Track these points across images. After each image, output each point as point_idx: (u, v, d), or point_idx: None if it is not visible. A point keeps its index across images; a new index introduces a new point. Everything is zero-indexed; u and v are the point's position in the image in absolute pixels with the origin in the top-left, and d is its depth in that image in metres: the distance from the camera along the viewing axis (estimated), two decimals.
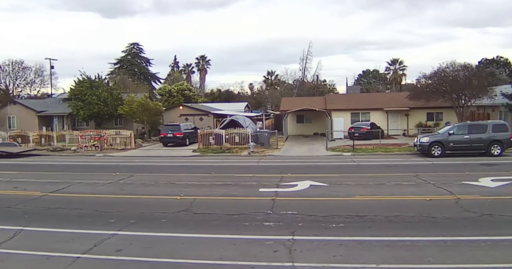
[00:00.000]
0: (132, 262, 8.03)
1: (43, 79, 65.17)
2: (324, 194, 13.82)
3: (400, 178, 16.33)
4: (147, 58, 79.84)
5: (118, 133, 33.85)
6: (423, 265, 7.53)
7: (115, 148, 32.22)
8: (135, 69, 76.43)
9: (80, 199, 14.00)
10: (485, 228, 9.63)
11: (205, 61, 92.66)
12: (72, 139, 34.37)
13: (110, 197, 14.30)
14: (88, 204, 13.03)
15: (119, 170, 20.37)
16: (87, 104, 40.01)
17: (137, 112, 38.87)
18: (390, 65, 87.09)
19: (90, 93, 40.12)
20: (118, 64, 76.65)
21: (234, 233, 9.73)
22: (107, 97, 40.51)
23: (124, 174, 19.01)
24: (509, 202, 12.28)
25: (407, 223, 10.26)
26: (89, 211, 12.20)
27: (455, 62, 35.98)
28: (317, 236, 9.30)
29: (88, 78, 41.93)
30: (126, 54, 78.34)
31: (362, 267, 7.52)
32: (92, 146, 32.30)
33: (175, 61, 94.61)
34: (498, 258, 7.74)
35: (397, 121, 41.19)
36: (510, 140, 23.36)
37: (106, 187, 16.04)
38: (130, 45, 78.58)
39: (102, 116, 40.90)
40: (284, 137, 39.23)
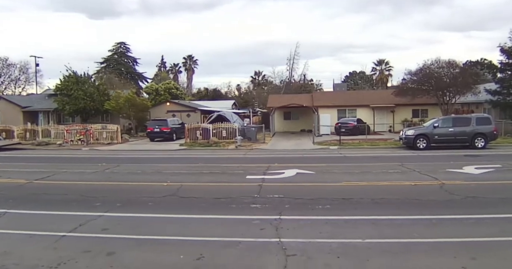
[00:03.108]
0: (119, 239, 8.00)
1: (28, 76, 64.52)
2: (311, 180, 13.91)
3: (386, 167, 16.52)
4: (134, 58, 79.00)
5: (105, 128, 33.62)
6: (408, 239, 7.64)
7: (102, 143, 31.99)
8: (122, 68, 75.50)
9: (65, 185, 13.86)
10: (469, 208, 9.80)
11: (193, 61, 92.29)
12: (57, 133, 34.00)
13: (96, 184, 14.21)
14: (73, 190, 12.90)
15: (105, 162, 20.22)
16: (73, 99, 39.57)
17: (124, 108, 38.62)
18: (377, 65, 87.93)
19: (76, 88, 39.70)
20: (104, 63, 75.64)
21: (221, 214, 9.74)
22: (93, 93, 40.14)
23: (110, 165, 18.88)
24: (492, 186, 12.52)
25: (393, 204, 10.39)
26: (75, 196, 12.08)
27: (439, 59, 36.44)
28: (303, 216, 9.36)
29: (74, 74, 41.49)
30: (112, 53, 77.38)
31: (348, 241, 7.60)
32: (78, 141, 32.01)
33: (162, 62, 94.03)
34: (480, 233, 7.90)
35: (383, 117, 41.59)
36: (493, 133, 23.78)
37: (92, 176, 15.92)
38: (117, 44, 77.66)
39: (88, 112, 40.51)
40: (271, 133, 39.34)
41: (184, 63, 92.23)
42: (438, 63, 36.21)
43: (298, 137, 36.66)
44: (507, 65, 33.95)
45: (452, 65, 35.84)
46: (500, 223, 8.56)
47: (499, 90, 33.52)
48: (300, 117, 46.53)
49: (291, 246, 7.34)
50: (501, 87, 33.67)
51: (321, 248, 7.33)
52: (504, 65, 34.21)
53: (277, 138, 35.16)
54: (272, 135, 38.19)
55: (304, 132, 43.44)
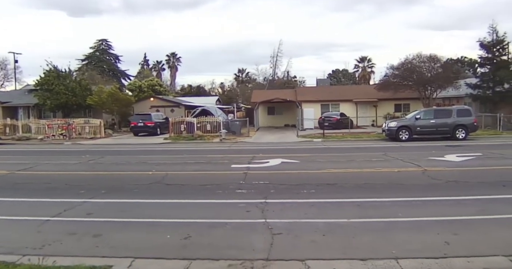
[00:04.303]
0: (104, 222, 7.98)
1: (6, 73, 63.24)
2: (295, 168, 14.02)
3: (369, 156, 16.73)
4: (116, 55, 77.18)
5: (88, 122, 33.24)
6: (392, 218, 7.77)
7: (84, 137, 31.62)
8: (104, 65, 73.72)
9: (48, 175, 13.70)
10: (450, 191, 10.01)
11: (176, 59, 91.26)
12: (38, 128, 33.44)
13: (80, 173, 14.10)
14: (57, 180, 12.79)
15: (89, 154, 20.02)
16: (54, 94, 38.87)
17: (107, 103, 38.17)
18: (359, 62, 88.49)
19: (58, 83, 39.02)
20: (86, 60, 73.83)
21: (207, 198, 9.76)
22: (75, 87, 39.52)
23: (94, 156, 18.72)
24: (473, 171, 12.81)
25: (377, 188, 10.54)
26: (58, 185, 11.97)
27: (421, 54, 36.91)
28: (289, 199, 9.45)
29: (55, 68, 40.84)
30: (94, 50, 75.43)
31: (333, 221, 7.70)
32: (60, 135, 31.60)
33: (145, 59, 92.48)
34: (462, 212, 8.08)
35: (366, 112, 41.96)
36: (474, 124, 24.25)
37: (76, 166, 15.78)
38: (99, 42, 75.77)
39: (70, 107, 39.87)
40: (255, 128, 39.45)
41: (167, 60, 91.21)
42: (420, 58, 36.71)
43: (282, 131, 36.81)
44: (486, 59, 34.57)
45: (434, 60, 36.36)
46: (481, 204, 8.77)
47: (479, 84, 34.14)
48: (284, 112, 46.66)
49: (277, 226, 7.41)
50: (481, 81, 34.31)
51: (307, 227, 7.42)
52: (484, 60, 34.82)
53: (261, 132, 35.25)
54: (256, 130, 38.26)
55: (288, 126, 43.63)
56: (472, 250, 6.07)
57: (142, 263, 5.90)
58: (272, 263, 5.82)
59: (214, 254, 6.15)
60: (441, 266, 5.60)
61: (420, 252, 6.02)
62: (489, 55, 34.20)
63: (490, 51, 34.00)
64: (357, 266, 5.64)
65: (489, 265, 5.55)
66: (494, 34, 33.84)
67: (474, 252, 6.00)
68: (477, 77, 35.72)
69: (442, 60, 36.15)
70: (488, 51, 34.15)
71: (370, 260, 5.80)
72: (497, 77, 33.00)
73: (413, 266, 5.58)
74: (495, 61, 34.01)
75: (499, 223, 7.42)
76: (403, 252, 6.04)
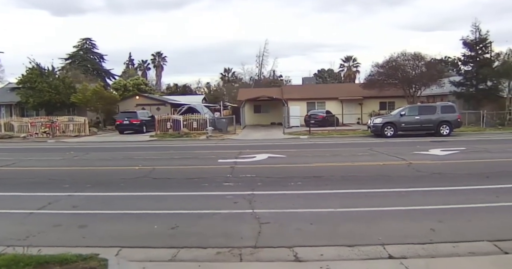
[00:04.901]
0: (90, 214, 7.89)
1: None
2: (282, 162, 14.07)
3: (355, 151, 16.86)
4: (101, 54, 75.99)
5: (72, 120, 32.83)
6: (378, 208, 7.84)
7: (69, 135, 31.23)
8: (88, 65, 72.51)
9: (32, 171, 13.54)
10: (435, 182, 10.12)
11: (161, 58, 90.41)
12: (21, 126, 32.82)
13: (65, 169, 13.93)
14: (40, 175, 12.59)
15: (74, 151, 19.80)
16: (37, 91, 38.21)
17: (91, 101, 37.71)
18: (344, 62, 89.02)
19: (41, 81, 38.40)
20: (69, 59, 72.47)
21: (194, 191, 9.73)
22: (58, 85, 38.92)
23: (79, 153, 18.52)
24: (457, 164, 13.01)
25: (363, 180, 10.62)
26: (42, 180, 11.79)
27: (405, 52, 37.24)
28: (276, 191, 9.48)
29: (38, 66, 40.23)
30: (78, 49, 74.12)
31: (320, 211, 7.75)
32: (43, 133, 31.13)
33: (130, 59, 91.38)
34: (447, 201, 8.19)
35: (352, 110, 42.16)
36: (457, 120, 24.58)
37: (60, 162, 15.59)
38: (82, 40, 74.48)
39: (54, 105, 39.26)
40: (242, 126, 39.39)
41: (152, 60, 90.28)
42: (404, 56, 37.03)
43: (268, 129, 36.86)
44: (469, 57, 35.04)
45: (418, 58, 36.69)
46: (465, 193, 8.89)
47: (463, 81, 34.62)
48: (270, 110, 46.70)
49: (265, 215, 7.42)
50: (464, 79, 34.78)
51: (293, 217, 7.44)
52: (467, 58, 35.27)
53: (247, 130, 35.25)
54: (243, 128, 38.24)
55: (275, 125, 43.71)
56: (457, 236, 6.16)
57: (129, 251, 5.87)
58: (260, 250, 5.83)
59: (202, 242, 6.14)
60: (427, 251, 5.67)
61: (406, 239, 6.09)
62: (472, 53, 34.68)
63: (473, 49, 34.48)
64: (344, 252, 5.69)
65: (474, 250, 5.64)
66: (477, 32, 34.34)
67: (459, 238, 6.10)
68: (461, 75, 36.16)
69: (426, 58, 36.49)
70: (471, 49, 34.62)
71: (357, 246, 5.85)
72: (480, 75, 33.50)
73: (400, 251, 5.64)
74: (478, 59, 34.50)
75: (483, 211, 7.54)
76: (390, 238, 6.10)
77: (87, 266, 5.27)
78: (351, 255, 5.60)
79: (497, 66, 33.50)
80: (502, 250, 5.63)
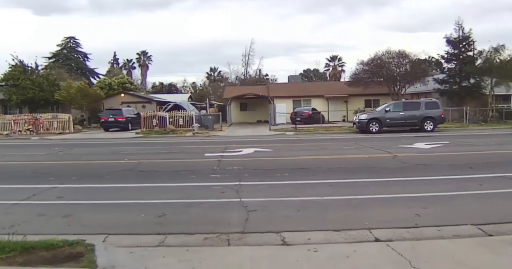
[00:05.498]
0: (75, 204, 7.81)
1: None
2: (269, 156, 14.11)
3: (341, 145, 17.04)
4: (85, 53, 74.78)
5: (56, 117, 32.40)
6: (364, 196, 7.91)
7: (53, 132, 30.79)
8: (72, 63, 71.24)
9: (16, 165, 13.39)
10: (420, 172, 10.28)
11: (146, 57, 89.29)
12: (4, 124, 32.30)
13: (50, 163, 13.76)
14: (25, 169, 12.43)
15: (58, 147, 19.56)
16: (20, 89, 37.66)
17: (76, 98, 37.28)
18: (330, 61, 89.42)
19: (24, 78, 37.86)
20: (53, 58, 71.23)
21: (181, 182, 9.71)
22: (42, 82, 38.43)
23: (64, 149, 18.30)
24: (441, 156, 13.21)
25: (349, 171, 10.75)
26: (27, 173, 11.64)
27: (390, 50, 37.61)
28: (263, 181, 9.50)
29: (22, 63, 39.65)
30: (61, 48, 72.91)
31: (307, 199, 7.79)
32: (26, 130, 30.69)
33: (114, 58, 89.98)
34: (431, 190, 8.30)
35: (337, 107, 42.45)
36: (441, 116, 24.93)
37: (45, 157, 15.40)
38: (66, 39, 73.26)
39: (37, 102, 38.74)
40: (228, 123, 39.35)
41: (137, 59, 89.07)
42: (389, 54, 37.38)
43: (255, 126, 36.91)
44: (453, 55, 35.53)
45: (402, 56, 37.09)
46: (449, 182, 9.01)
47: (446, 79, 35.12)
48: (256, 108, 46.73)
49: (252, 204, 7.44)
50: (448, 76, 35.28)
51: (281, 204, 7.47)
52: (450, 55, 35.77)
53: (234, 127, 35.25)
54: (229, 125, 38.21)
55: (261, 122, 43.74)
56: (442, 221, 6.24)
57: (116, 238, 5.82)
58: (248, 235, 5.84)
59: (190, 229, 6.12)
60: (413, 234, 5.74)
61: (392, 223, 6.15)
62: (456, 51, 35.18)
63: (457, 47, 34.97)
64: (331, 236, 5.73)
65: (458, 233, 5.72)
66: (460, 30, 34.88)
67: (444, 222, 6.18)
68: (444, 73, 36.63)
69: (410, 56, 36.93)
70: (454, 47, 35.11)
71: (344, 231, 5.89)
72: (463, 72, 34.01)
73: (386, 235, 5.69)
74: (461, 57, 35.01)
75: (467, 198, 7.67)
76: (376, 223, 6.17)
77: (74, 251, 5.23)
78: (338, 238, 5.64)
79: (480, 63, 34.03)
80: (486, 232, 5.73)
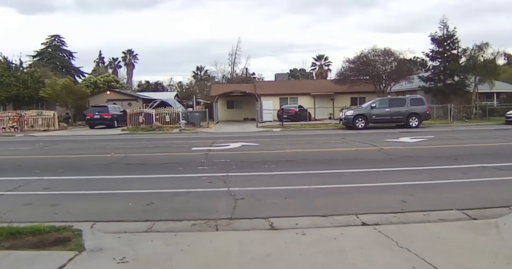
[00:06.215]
0: (62, 194, 7.75)
1: None
2: (256, 149, 14.16)
3: (328, 140, 17.15)
4: (70, 52, 73.51)
5: (41, 114, 32.00)
6: (351, 184, 7.99)
7: (37, 129, 30.42)
8: (57, 62, 69.96)
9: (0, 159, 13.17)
10: (405, 163, 10.43)
11: (132, 56, 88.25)
12: None
13: (35, 157, 13.62)
14: (10, 162, 12.34)
15: (43, 143, 19.32)
16: (4, 86, 36.96)
17: (61, 95, 36.84)
18: (316, 60, 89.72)
19: (8, 75, 37.22)
20: (37, 57, 69.97)
21: (168, 174, 9.68)
22: (27, 79, 37.89)
23: (49, 144, 18.09)
24: (426, 149, 13.41)
25: (336, 163, 10.80)
26: (11, 166, 11.56)
27: (376, 48, 37.91)
28: (250, 172, 9.54)
29: (5, 59, 39.05)
30: (46, 46, 71.67)
31: (294, 188, 7.84)
32: (10, 128, 30.24)
33: (100, 57, 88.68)
34: (417, 178, 8.42)
35: (324, 105, 42.65)
36: (426, 113, 25.23)
37: (29, 151, 15.21)
38: (51, 37, 71.96)
39: (22, 99, 38.10)
40: (215, 121, 39.26)
41: (123, 57, 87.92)
42: (375, 51, 37.68)
43: (242, 123, 36.88)
44: (437, 53, 35.90)
45: (388, 53, 37.42)
46: (435, 172, 9.16)
47: (431, 76, 35.47)
48: (243, 106, 46.72)
49: (240, 193, 7.46)
50: (432, 74, 35.64)
51: (269, 193, 7.51)
52: (435, 53, 36.12)
53: (221, 124, 35.19)
54: (216, 123, 38.13)
55: (248, 120, 43.71)
56: (428, 207, 6.34)
57: (104, 225, 5.79)
58: (236, 221, 5.87)
59: (178, 216, 6.13)
60: (400, 218, 5.82)
61: (379, 209, 6.23)
62: (440, 49, 35.55)
63: (441, 45, 35.35)
64: (318, 221, 5.78)
65: (444, 217, 5.81)
66: (445, 29, 35.24)
67: (429, 208, 6.28)
68: (429, 70, 37.02)
69: (396, 54, 37.27)
70: (439, 45, 35.49)
71: (331, 216, 5.95)
72: (447, 70, 34.41)
73: (373, 219, 5.76)
74: (445, 54, 35.42)
75: (452, 186, 7.79)
76: (363, 209, 6.24)
77: (61, 236, 5.20)
78: (325, 223, 5.70)
79: (464, 61, 34.48)
80: (471, 216, 5.84)
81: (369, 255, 4.34)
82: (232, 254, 4.52)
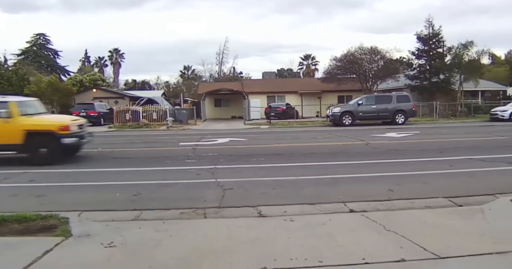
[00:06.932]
0: (48, 186, 7.68)
1: None
2: (244, 144, 14.18)
3: (315, 135, 17.24)
4: (55, 50, 72.19)
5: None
6: (338, 175, 8.04)
7: None
8: (42, 61, 68.68)
9: None
10: (392, 156, 10.52)
11: (119, 55, 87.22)
12: None
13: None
14: None
15: None
16: None
17: (46, 93, 36.37)
18: (303, 60, 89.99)
19: None
20: (22, 55, 68.73)
21: (156, 166, 9.64)
22: (11, 77, 37.50)
23: None
24: (411, 143, 13.57)
25: (323, 156, 10.86)
26: None
27: (363, 46, 38.12)
28: (238, 165, 9.55)
29: None
30: (31, 45, 70.58)
31: (282, 179, 7.87)
32: None
33: (86, 56, 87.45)
34: (403, 169, 8.51)
35: (311, 103, 42.78)
36: (412, 110, 25.47)
37: None
38: (36, 36, 70.79)
39: None
40: (202, 119, 39.15)
41: (110, 56, 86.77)
42: (362, 50, 37.89)
43: (229, 121, 36.87)
44: (423, 51, 36.22)
45: (374, 52, 37.66)
46: (421, 164, 9.27)
47: (417, 75, 35.81)
48: (231, 104, 46.66)
49: (228, 183, 7.46)
50: (418, 72, 35.99)
51: (257, 184, 7.53)
52: (421, 52, 36.45)
53: (208, 122, 35.10)
54: (203, 121, 38.03)
55: (235, 118, 43.68)
56: (414, 195, 6.42)
57: (91, 214, 5.75)
58: (225, 209, 5.88)
59: (166, 205, 6.11)
60: (386, 206, 5.88)
61: (366, 198, 6.28)
62: (426, 48, 35.89)
63: (427, 44, 35.68)
64: (306, 209, 5.81)
65: (430, 205, 5.88)
66: (430, 27, 35.57)
67: (416, 196, 6.35)
68: (415, 68, 37.34)
69: (382, 52, 37.53)
70: (424, 44, 35.82)
71: (319, 204, 5.99)
72: (433, 68, 34.77)
73: (360, 207, 5.81)
74: (431, 53, 35.77)
75: (438, 176, 7.90)
76: (350, 198, 6.28)
77: (47, 224, 5.15)
78: (313, 211, 5.73)
79: (449, 60, 34.86)
80: (456, 203, 5.92)
81: (357, 238, 4.39)
82: (221, 238, 4.53)
